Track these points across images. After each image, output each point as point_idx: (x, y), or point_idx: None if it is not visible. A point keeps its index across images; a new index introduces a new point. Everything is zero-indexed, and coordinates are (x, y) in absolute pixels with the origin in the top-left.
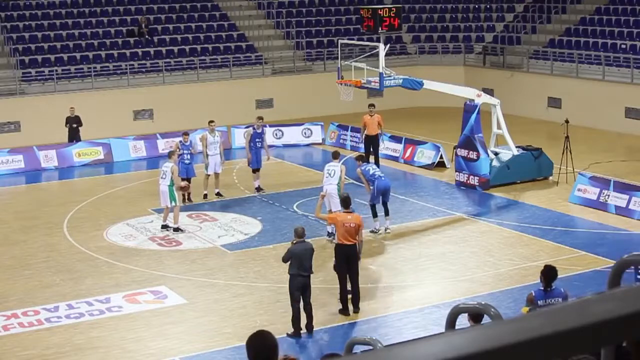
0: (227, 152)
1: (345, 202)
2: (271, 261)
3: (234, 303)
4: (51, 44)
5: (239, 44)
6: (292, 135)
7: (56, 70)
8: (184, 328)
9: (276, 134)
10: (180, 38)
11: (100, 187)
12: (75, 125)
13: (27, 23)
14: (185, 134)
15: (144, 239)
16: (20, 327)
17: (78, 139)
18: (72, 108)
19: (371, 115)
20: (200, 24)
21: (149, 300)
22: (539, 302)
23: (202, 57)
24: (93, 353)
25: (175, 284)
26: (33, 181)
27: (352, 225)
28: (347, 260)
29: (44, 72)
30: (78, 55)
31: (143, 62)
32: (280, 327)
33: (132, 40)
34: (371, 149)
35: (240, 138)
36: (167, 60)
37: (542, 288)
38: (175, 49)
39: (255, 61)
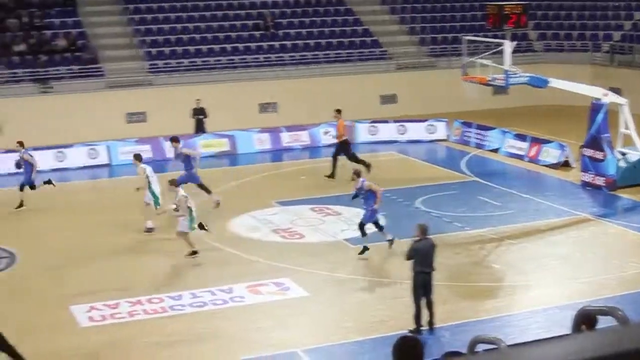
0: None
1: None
2: (393, 257)
3: (354, 297)
4: (178, 37)
5: (363, 39)
6: (416, 131)
7: (183, 62)
8: (305, 320)
9: (400, 130)
10: (305, 32)
11: (224, 179)
12: (201, 117)
13: (155, 15)
14: None
15: (267, 231)
16: (145, 314)
17: (203, 131)
18: (198, 100)
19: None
20: (325, 18)
21: (271, 292)
22: None
23: (327, 52)
24: (214, 341)
25: (297, 276)
26: (159, 171)
27: None
28: None
29: (171, 63)
30: (204, 47)
31: (268, 55)
32: (401, 323)
33: (257, 33)
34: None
35: (364, 134)
36: (292, 54)
37: None
38: (301, 43)
39: (380, 56)
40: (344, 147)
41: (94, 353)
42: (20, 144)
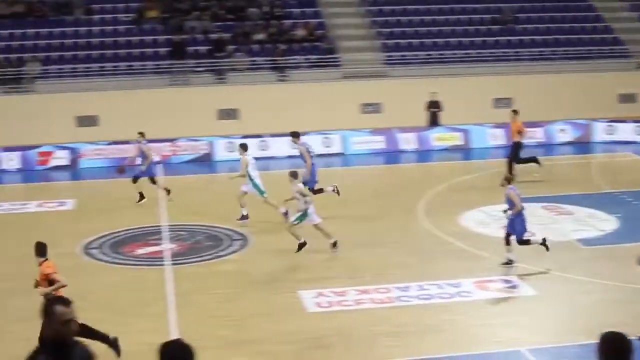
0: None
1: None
2: (626, 260)
3: (584, 299)
4: (415, 29)
5: (603, 36)
6: None
7: (419, 55)
8: (532, 320)
9: (637, 131)
10: (544, 28)
11: (456, 173)
12: (435, 110)
13: (392, 7)
14: None
15: (498, 227)
16: (372, 303)
17: (437, 124)
18: (433, 92)
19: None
20: (564, 14)
21: (499, 289)
22: None
23: (566, 48)
24: (439, 335)
25: (526, 274)
26: (392, 162)
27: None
28: None
29: (407, 56)
30: (441, 40)
31: (506, 50)
32: (632, 329)
33: (495, 28)
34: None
35: (600, 133)
36: (530, 49)
37: None
38: (539, 38)
39: (620, 54)
40: (515, 149)
41: (319, 338)
42: (142, 134)
